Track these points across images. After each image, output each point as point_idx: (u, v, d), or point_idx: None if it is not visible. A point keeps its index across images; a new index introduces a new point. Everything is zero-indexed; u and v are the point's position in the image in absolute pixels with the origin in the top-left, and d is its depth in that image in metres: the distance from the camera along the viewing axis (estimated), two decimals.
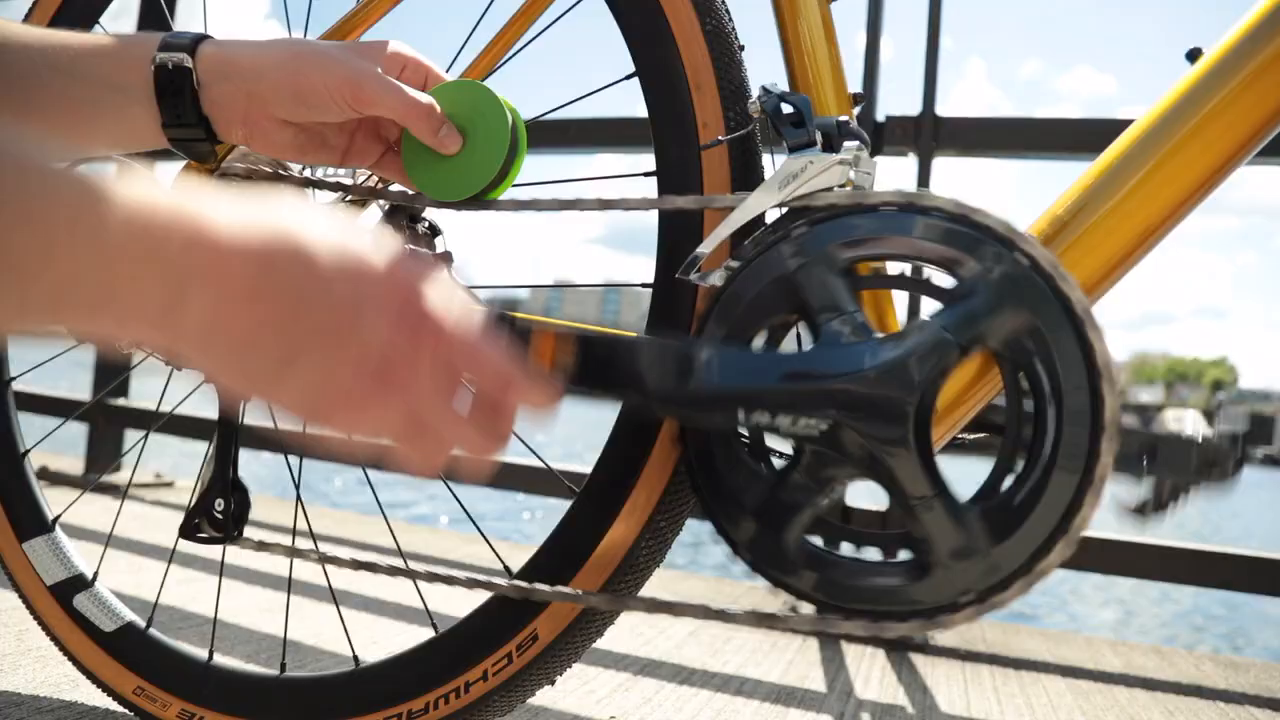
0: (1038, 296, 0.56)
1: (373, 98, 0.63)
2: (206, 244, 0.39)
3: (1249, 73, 0.61)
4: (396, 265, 0.44)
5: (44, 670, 1.01)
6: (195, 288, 0.39)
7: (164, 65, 0.61)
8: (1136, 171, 0.63)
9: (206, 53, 0.62)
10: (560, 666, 0.75)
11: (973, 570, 0.58)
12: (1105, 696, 1.28)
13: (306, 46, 0.63)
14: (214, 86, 0.62)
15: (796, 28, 0.73)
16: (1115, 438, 0.56)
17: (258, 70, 0.62)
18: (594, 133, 1.84)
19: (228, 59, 0.62)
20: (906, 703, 1.19)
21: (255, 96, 0.62)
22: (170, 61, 0.61)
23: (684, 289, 0.70)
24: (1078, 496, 0.56)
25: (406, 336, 0.44)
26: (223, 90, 0.62)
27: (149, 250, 0.38)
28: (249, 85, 0.62)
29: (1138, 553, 1.50)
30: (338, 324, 0.42)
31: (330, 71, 0.62)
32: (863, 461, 0.59)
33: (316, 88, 0.62)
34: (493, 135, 0.67)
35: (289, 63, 0.62)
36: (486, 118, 0.67)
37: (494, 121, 0.66)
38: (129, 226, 0.38)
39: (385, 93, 0.63)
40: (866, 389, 0.58)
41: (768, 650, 1.37)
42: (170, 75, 0.61)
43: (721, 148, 0.71)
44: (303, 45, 0.64)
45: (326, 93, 0.62)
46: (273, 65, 0.62)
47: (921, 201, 0.60)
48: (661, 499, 0.71)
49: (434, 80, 0.69)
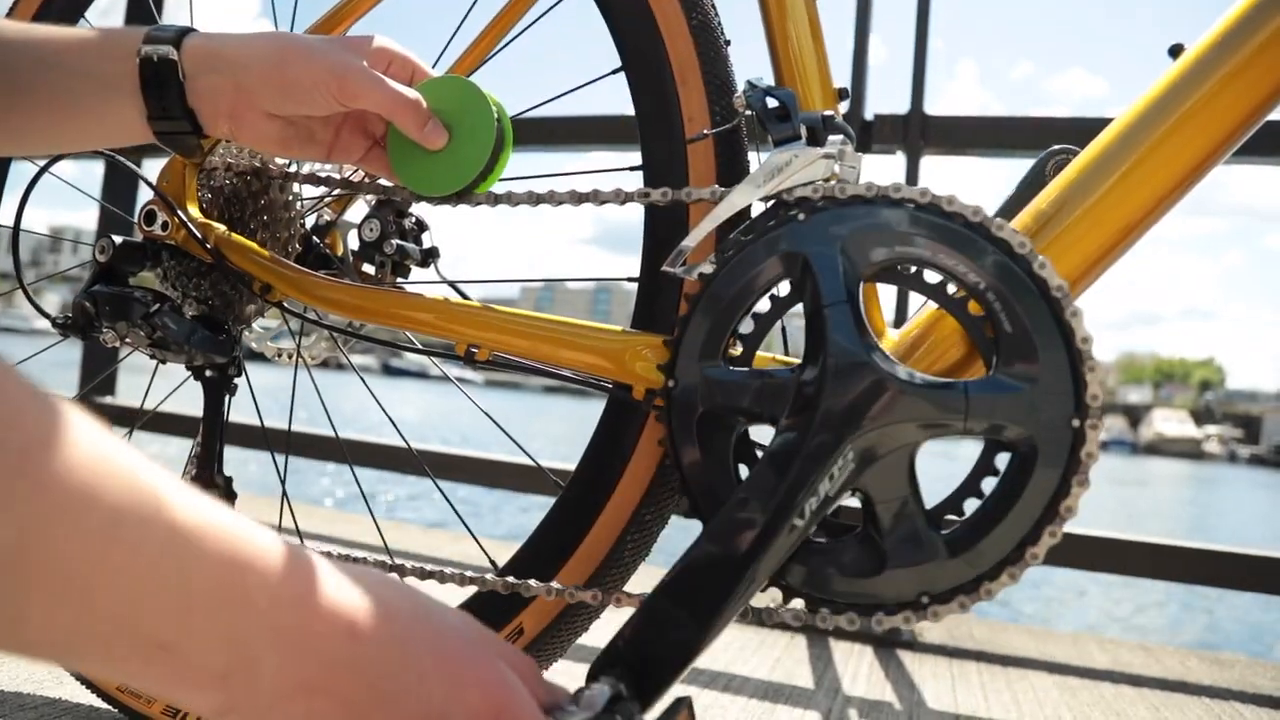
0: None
1: (358, 91, 0.62)
2: (294, 604, 0.35)
3: (1228, 70, 0.62)
4: (498, 675, 0.41)
5: (27, 667, 1.00)
6: (273, 651, 0.35)
7: (149, 58, 0.61)
8: (1119, 167, 0.63)
9: (192, 45, 0.62)
10: (545, 661, 0.75)
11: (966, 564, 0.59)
12: (1091, 693, 1.28)
13: (292, 40, 0.63)
14: (200, 79, 0.62)
15: (783, 23, 0.73)
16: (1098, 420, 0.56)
17: (243, 63, 0.62)
18: (581, 130, 1.84)
19: (213, 52, 0.62)
20: (894, 699, 1.19)
21: (241, 89, 0.62)
22: (156, 54, 0.61)
23: (669, 283, 0.70)
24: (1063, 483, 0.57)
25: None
26: (209, 83, 0.62)
27: (228, 602, 0.34)
28: (235, 78, 0.62)
29: (1134, 551, 1.51)
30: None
31: (316, 64, 0.61)
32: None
33: (302, 80, 0.61)
34: (478, 130, 0.66)
35: (274, 55, 0.62)
36: (472, 113, 0.67)
37: (479, 117, 0.66)
38: (215, 569, 0.33)
39: (371, 87, 0.63)
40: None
41: (755, 647, 1.37)
42: (156, 68, 0.61)
43: (707, 142, 0.71)
44: (288, 38, 0.63)
45: (313, 86, 0.62)
46: (258, 58, 0.62)
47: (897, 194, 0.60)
48: (646, 493, 0.71)
49: (420, 76, 0.69)
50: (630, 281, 0.73)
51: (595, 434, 0.73)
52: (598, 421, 0.73)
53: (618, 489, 0.71)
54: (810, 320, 0.62)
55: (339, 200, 0.90)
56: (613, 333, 0.69)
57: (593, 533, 0.72)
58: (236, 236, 0.79)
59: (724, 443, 0.64)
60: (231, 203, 0.82)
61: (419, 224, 0.84)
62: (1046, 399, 0.57)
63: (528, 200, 0.70)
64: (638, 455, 0.71)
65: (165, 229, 0.78)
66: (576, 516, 0.73)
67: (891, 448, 0.59)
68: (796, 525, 0.59)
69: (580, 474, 0.73)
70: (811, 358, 0.61)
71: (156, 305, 0.73)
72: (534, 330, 0.70)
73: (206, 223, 0.79)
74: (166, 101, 0.62)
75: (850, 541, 0.62)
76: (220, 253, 0.77)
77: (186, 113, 0.62)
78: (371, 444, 1.97)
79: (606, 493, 0.72)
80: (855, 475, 0.59)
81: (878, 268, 0.62)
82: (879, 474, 0.60)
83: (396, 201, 0.81)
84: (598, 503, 0.72)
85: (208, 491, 0.74)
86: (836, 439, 0.59)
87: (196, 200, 0.81)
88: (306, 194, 0.85)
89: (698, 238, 0.66)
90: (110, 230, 1.71)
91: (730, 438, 0.65)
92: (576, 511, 0.73)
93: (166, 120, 0.63)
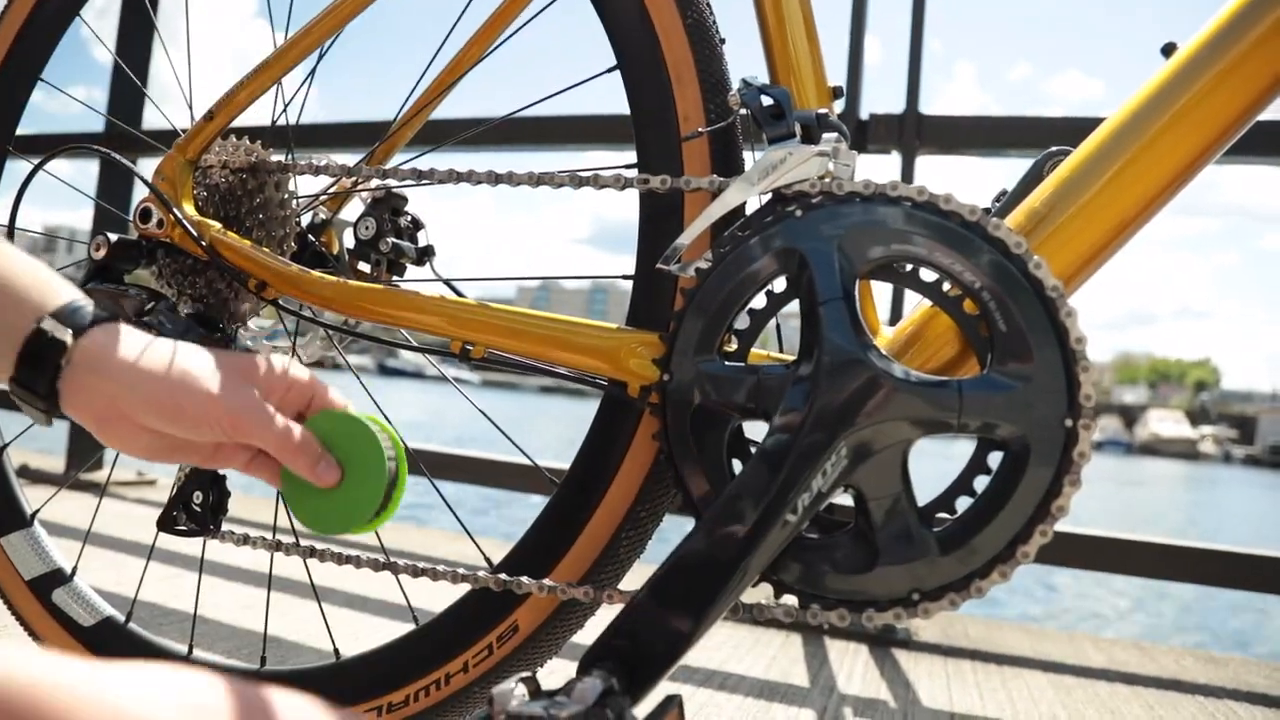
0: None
1: (249, 431, 0.60)
2: None
3: (1221, 69, 0.62)
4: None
5: None
6: None
7: (42, 333, 0.57)
8: (1112, 165, 0.64)
9: (90, 341, 0.58)
10: (541, 658, 0.75)
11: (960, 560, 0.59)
12: (1086, 691, 1.28)
13: (187, 369, 0.59)
14: (79, 375, 0.57)
15: (778, 22, 0.73)
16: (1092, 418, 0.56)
17: (130, 382, 0.58)
18: (576, 129, 1.84)
19: (106, 357, 0.58)
20: (889, 698, 1.19)
21: (119, 401, 0.58)
22: (51, 333, 0.57)
23: (664, 281, 0.70)
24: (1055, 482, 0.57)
25: None
26: (87, 382, 0.58)
27: None
28: (115, 390, 0.58)
29: (1134, 550, 1.51)
30: None
31: (209, 402, 0.59)
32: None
33: (191, 413, 0.59)
34: (371, 471, 0.64)
35: (168, 383, 0.58)
36: (365, 452, 0.65)
37: (372, 457, 0.64)
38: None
39: (261, 428, 0.60)
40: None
41: (750, 645, 1.37)
42: (42, 344, 0.57)
43: (702, 140, 0.71)
44: (185, 362, 0.60)
45: (202, 419, 0.59)
46: (148, 379, 0.58)
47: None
48: (641, 490, 0.71)
49: (320, 400, 0.67)
50: (625, 279, 0.74)
51: (590, 431, 0.73)
52: (593, 419, 0.73)
53: (613, 486, 0.71)
54: (806, 316, 0.62)
55: (335, 198, 0.90)
56: (607, 330, 0.70)
57: (588, 529, 0.72)
58: (232, 234, 0.79)
59: (718, 438, 0.65)
60: (227, 200, 0.82)
61: (415, 222, 0.84)
62: (1040, 398, 0.58)
63: (528, 181, 0.70)
64: (632, 452, 0.71)
65: (161, 226, 0.78)
66: (572, 513, 0.73)
67: (885, 444, 0.59)
68: (789, 521, 0.59)
69: (575, 471, 0.73)
70: (806, 354, 0.61)
71: (152, 303, 0.73)
72: (529, 328, 0.70)
73: (202, 220, 0.79)
74: (35, 376, 0.57)
75: (842, 538, 0.63)
76: (215, 250, 0.77)
77: (51, 393, 0.58)
78: None
79: (601, 490, 0.72)
80: (848, 471, 0.60)
81: (874, 265, 0.62)
82: (872, 470, 0.60)
83: (393, 199, 0.81)
84: (593, 500, 0.72)
85: (201, 490, 0.74)
86: (830, 435, 0.59)
87: (192, 198, 0.81)
88: (302, 191, 0.85)
89: (692, 235, 0.66)
90: (106, 228, 1.71)
91: (724, 433, 0.65)
92: (572, 508, 0.73)
93: (26, 390, 0.58)
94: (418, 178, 0.75)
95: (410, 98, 0.89)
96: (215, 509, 0.75)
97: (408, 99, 0.89)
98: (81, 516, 1.70)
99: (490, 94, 1.81)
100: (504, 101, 4.12)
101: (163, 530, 0.76)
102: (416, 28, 55.78)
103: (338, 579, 1.54)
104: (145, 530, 1.81)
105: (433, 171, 0.75)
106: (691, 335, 0.64)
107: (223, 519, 0.77)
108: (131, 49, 2.27)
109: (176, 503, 0.75)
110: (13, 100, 0.97)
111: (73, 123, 11.23)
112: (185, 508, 0.75)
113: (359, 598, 1.47)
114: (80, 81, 5.76)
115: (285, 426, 0.62)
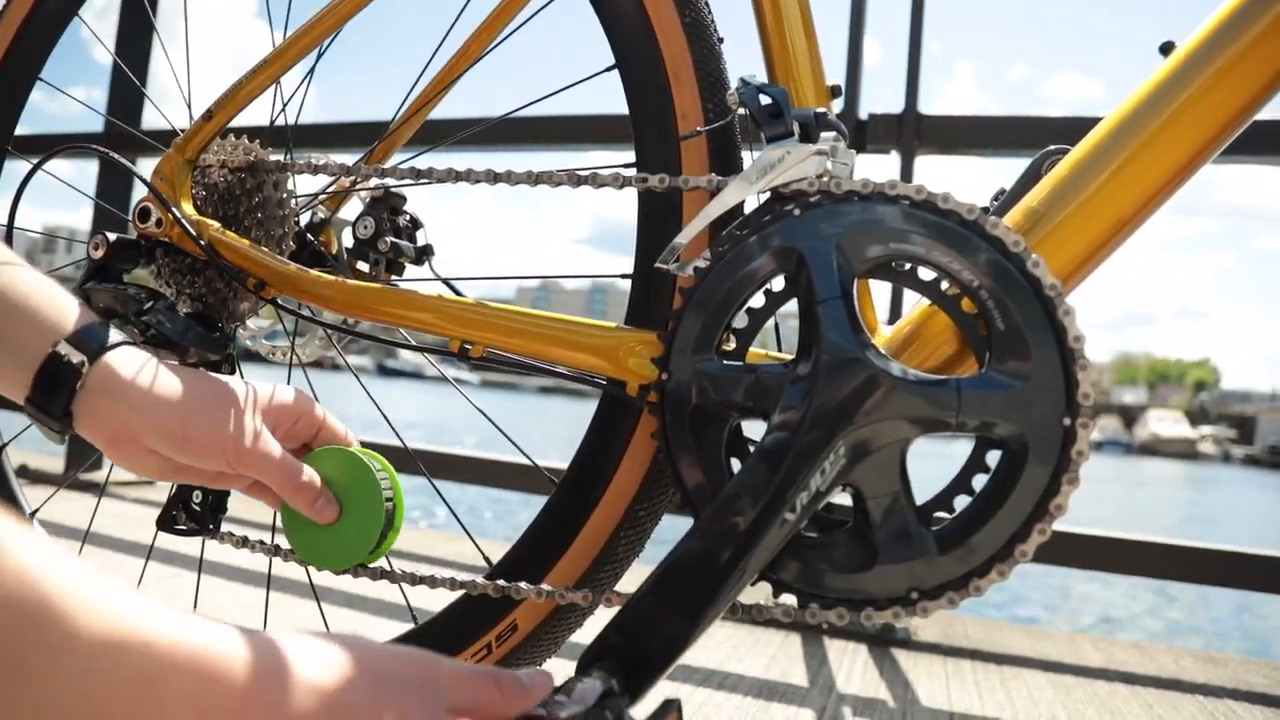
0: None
1: (252, 465, 0.62)
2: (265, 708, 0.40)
3: (1218, 67, 0.62)
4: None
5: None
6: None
7: (59, 356, 0.58)
8: (1110, 164, 0.64)
9: (106, 364, 0.59)
10: (539, 657, 0.75)
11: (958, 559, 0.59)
12: (1086, 691, 1.28)
13: (199, 399, 0.61)
14: (95, 396, 0.59)
15: (776, 20, 0.73)
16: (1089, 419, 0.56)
17: (143, 407, 0.59)
18: (574, 129, 1.84)
19: (121, 380, 0.59)
20: (888, 697, 1.19)
21: (130, 424, 0.60)
22: (69, 357, 0.58)
23: (663, 280, 0.70)
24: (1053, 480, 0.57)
25: None
26: (101, 404, 0.59)
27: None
28: (128, 414, 0.59)
29: (1135, 550, 1.51)
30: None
31: (217, 432, 0.61)
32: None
33: (199, 441, 0.60)
34: (368, 511, 0.66)
35: (178, 409, 0.60)
36: (363, 492, 0.67)
37: (371, 497, 0.66)
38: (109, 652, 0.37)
39: (264, 463, 0.62)
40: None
41: (750, 645, 1.37)
42: (59, 367, 0.58)
43: (700, 139, 0.71)
44: (196, 390, 0.61)
45: (208, 448, 0.61)
46: (161, 406, 0.60)
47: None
48: (640, 490, 0.71)
49: (326, 433, 0.69)
50: (624, 278, 0.73)
51: (589, 431, 0.73)
52: (591, 418, 0.73)
53: (611, 485, 0.71)
54: (804, 315, 0.62)
55: (333, 197, 0.90)
56: (606, 329, 0.70)
57: (586, 529, 0.72)
58: (230, 233, 0.79)
59: (716, 437, 0.65)
60: (226, 199, 0.82)
61: (414, 221, 0.84)
62: (1038, 397, 0.58)
63: (527, 180, 0.71)
64: (631, 452, 0.71)
65: (159, 226, 0.78)
66: (570, 513, 0.73)
67: (883, 443, 0.59)
68: (787, 520, 0.59)
69: (574, 471, 0.73)
70: (805, 353, 0.61)
71: (151, 302, 0.73)
72: (528, 327, 0.70)
73: (201, 219, 0.79)
74: (51, 398, 0.59)
75: (841, 537, 0.63)
76: (214, 249, 0.77)
77: (65, 414, 0.59)
78: (368, 443, 1.97)
79: (600, 489, 0.72)
80: (847, 470, 0.60)
81: (872, 264, 0.62)
82: (870, 469, 0.60)
83: (391, 199, 0.81)
84: (591, 499, 0.72)
85: (205, 490, 0.74)
86: (828, 434, 0.59)
87: (191, 197, 0.81)
88: (301, 190, 0.85)
89: (691, 234, 0.66)
90: (105, 228, 1.71)
91: (723, 432, 0.65)
92: (570, 508, 0.73)
93: (42, 411, 0.59)
94: (416, 177, 0.75)
95: (409, 97, 0.89)
96: (215, 508, 0.76)
97: (406, 98, 0.89)
98: (81, 516, 1.70)
99: (489, 93, 1.81)
100: (503, 101, 4.13)
101: (162, 530, 0.76)
102: (415, 27, 55.71)
103: (337, 579, 1.53)
104: (144, 530, 1.81)
105: (431, 170, 0.75)
106: (690, 334, 0.64)
107: (222, 518, 0.77)
108: (131, 49, 2.26)
109: (176, 502, 0.75)
110: (12, 100, 0.97)
111: (72, 123, 11.23)
112: (185, 507, 0.75)
113: (358, 597, 1.47)
114: (80, 81, 5.75)
115: (288, 462, 0.64)
